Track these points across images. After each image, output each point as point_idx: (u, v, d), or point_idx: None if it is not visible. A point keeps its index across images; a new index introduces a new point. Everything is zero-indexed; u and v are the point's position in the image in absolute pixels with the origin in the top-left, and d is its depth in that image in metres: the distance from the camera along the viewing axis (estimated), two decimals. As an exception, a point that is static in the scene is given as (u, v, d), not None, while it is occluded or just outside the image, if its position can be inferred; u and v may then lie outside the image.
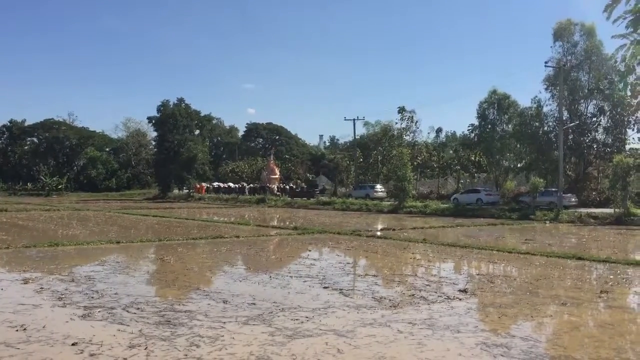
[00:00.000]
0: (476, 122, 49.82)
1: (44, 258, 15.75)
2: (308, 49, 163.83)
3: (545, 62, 42.27)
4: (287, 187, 62.18)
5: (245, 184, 65.79)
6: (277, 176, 66.35)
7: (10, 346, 7.32)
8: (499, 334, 8.28)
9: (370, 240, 21.31)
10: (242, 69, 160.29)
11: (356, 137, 65.70)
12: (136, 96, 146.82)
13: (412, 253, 17.75)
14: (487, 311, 9.76)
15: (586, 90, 44.01)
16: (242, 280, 12.66)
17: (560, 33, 43.82)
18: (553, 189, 43.74)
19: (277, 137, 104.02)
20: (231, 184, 68.19)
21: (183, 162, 69.11)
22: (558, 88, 41.30)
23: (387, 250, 18.36)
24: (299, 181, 69.91)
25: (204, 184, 68.21)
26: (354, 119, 61.50)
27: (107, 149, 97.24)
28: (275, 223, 30.08)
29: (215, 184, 69.28)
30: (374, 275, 13.60)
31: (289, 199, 54.91)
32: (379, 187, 55.24)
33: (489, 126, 48.45)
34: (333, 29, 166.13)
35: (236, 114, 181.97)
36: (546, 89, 45.01)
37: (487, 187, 48.64)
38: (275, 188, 61.41)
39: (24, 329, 8.10)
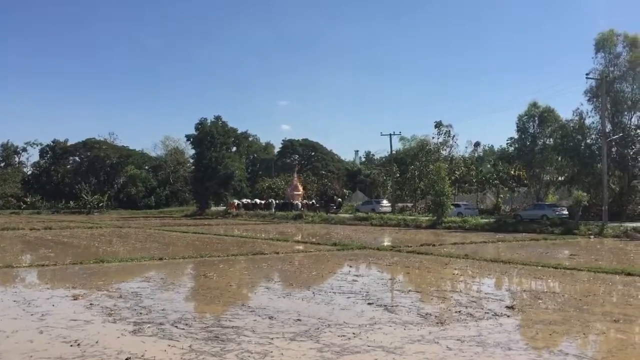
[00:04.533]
0: (515, 136, 49.14)
1: (90, 275, 16.09)
2: (341, 65, 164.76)
3: (587, 74, 41.58)
4: (310, 203, 63.11)
5: (272, 200, 66.79)
6: (300, 192, 67.19)
7: (66, 361, 7.49)
8: (552, 351, 8.10)
9: (411, 256, 21.13)
10: (276, 86, 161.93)
11: (392, 152, 65.51)
12: (174, 115, 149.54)
13: (454, 269, 17.52)
14: (536, 328, 9.56)
15: (630, 102, 42.98)
16: (285, 296, 12.71)
17: (603, 44, 42.94)
18: (546, 203, 43.09)
19: (313, 153, 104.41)
20: (257, 200, 69.03)
21: (220, 179, 69.98)
22: (600, 100, 40.49)
23: (428, 267, 18.19)
24: (335, 196, 69.94)
25: (235, 200, 69.09)
26: (390, 134, 61.30)
27: (146, 167, 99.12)
28: (313, 239, 30.10)
29: (244, 200, 70.13)
30: (417, 292, 13.47)
31: (325, 214, 55.05)
32: (384, 202, 58.58)
33: (529, 139, 47.68)
34: (366, 45, 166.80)
35: (271, 130, 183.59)
36: (588, 100, 44.12)
37: (467, 202, 52.26)
38: (299, 204, 62.59)
39: (78, 344, 8.27)
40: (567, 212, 39.52)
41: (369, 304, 11.61)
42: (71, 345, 8.23)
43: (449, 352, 7.91)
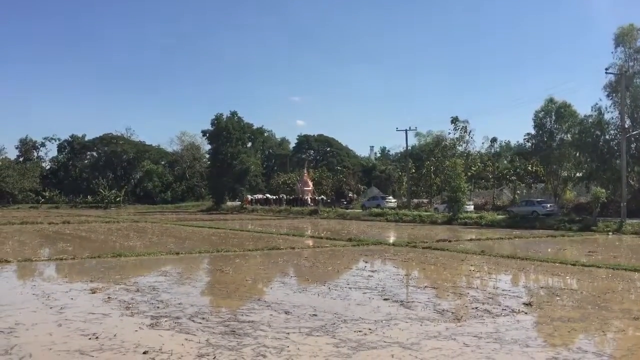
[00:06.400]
0: (532, 131, 48.68)
1: (108, 268, 16.24)
2: (355, 60, 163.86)
3: (606, 69, 40.96)
4: (319, 198, 63.79)
5: (283, 196, 67.54)
6: (310, 188, 67.69)
7: (85, 354, 7.56)
8: (570, 349, 8.01)
9: (427, 252, 21.04)
10: (288, 82, 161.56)
11: (408, 148, 65.22)
12: (190, 110, 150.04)
13: (471, 265, 17.43)
14: (554, 325, 9.47)
15: (649, 97, 42.31)
16: (301, 291, 12.72)
17: (622, 38, 42.27)
18: (536, 200, 42.79)
19: (328, 149, 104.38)
20: (268, 196, 69.81)
21: (236, 175, 70.28)
22: (620, 95, 39.95)
23: (444, 263, 18.11)
24: (350, 191, 70.07)
25: (248, 196, 69.88)
26: (405, 130, 60.86)
27: (162, 162, 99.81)
28: (328, 234, 30.11)
29: (257, 195, 70.92)
30: (434, 288, 13.40)
31: (341, 210, 55.20)
32: (390, 198, 60.76)
33: (547, 135, 47.21)
34: (382, 41, 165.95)
35: (285, 126, 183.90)
36: (607, 95, 43.50)
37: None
38: (309, 200, 62.99)
39: (96, 337, 8.35)
40: (556, 209, 41.19)
41: (384, 299, 11.58)
42: (89, 339, 8.31)
43: (466, 349, 7.87)
